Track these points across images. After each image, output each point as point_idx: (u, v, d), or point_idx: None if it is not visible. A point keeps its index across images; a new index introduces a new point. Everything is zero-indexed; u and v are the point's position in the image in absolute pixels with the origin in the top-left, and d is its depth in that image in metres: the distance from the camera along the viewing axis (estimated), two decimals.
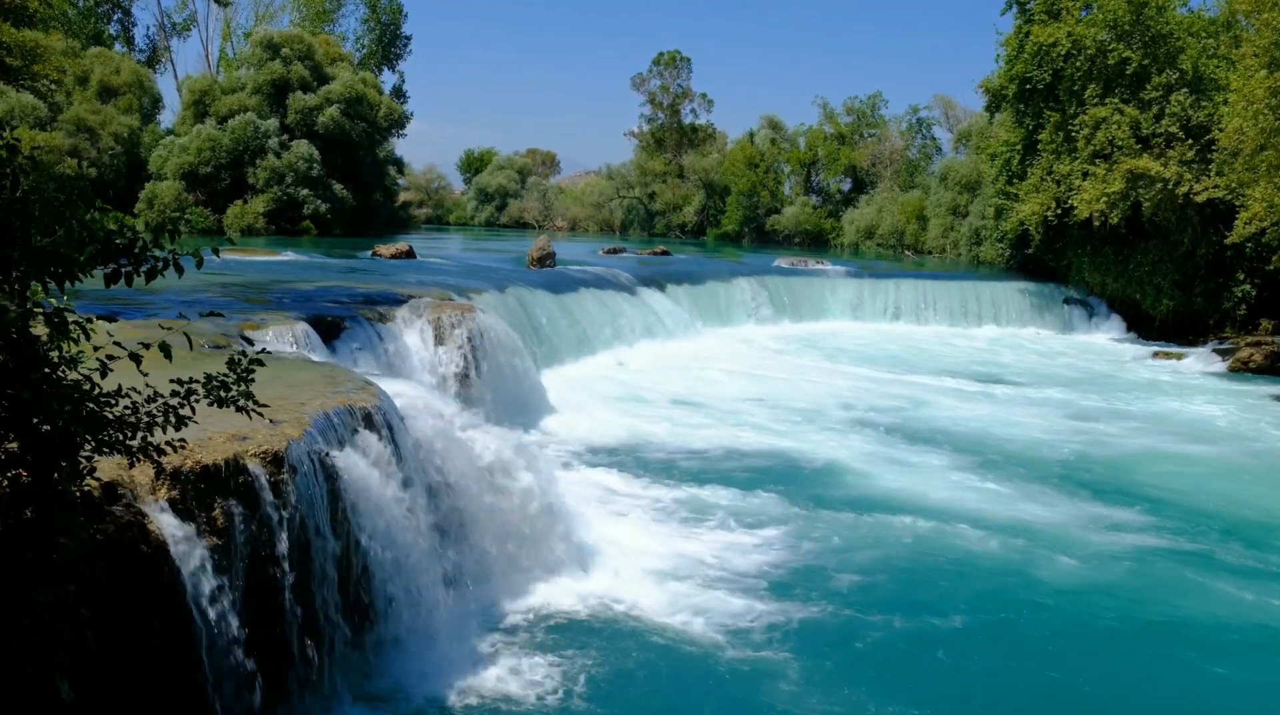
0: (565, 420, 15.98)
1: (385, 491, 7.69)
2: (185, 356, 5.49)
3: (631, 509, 11.85)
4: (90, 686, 4.89)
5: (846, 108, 65.95)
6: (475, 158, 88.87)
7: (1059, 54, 30.40)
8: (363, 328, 13.96)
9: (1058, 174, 31.33)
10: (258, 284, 17.82)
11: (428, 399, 9.97)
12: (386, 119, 50.71)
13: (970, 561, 10.63)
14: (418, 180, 79.95)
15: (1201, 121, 28.78)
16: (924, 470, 14.26)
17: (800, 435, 16.04)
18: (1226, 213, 26.92)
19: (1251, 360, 25.90)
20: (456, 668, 7.67)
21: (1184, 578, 10.45)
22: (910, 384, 21.36)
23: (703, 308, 28.22)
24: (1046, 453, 15.61)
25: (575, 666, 7.90)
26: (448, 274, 23.67)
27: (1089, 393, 21.28)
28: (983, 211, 41.70)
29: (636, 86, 72.59)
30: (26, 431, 4.17)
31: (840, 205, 63.98)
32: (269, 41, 47.70)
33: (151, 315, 12.38)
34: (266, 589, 6.48)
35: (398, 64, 65.34)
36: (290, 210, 44.03)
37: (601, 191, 74.95)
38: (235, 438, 6.57)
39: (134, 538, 5.54)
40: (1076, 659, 8.54)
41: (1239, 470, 15.25)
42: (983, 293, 33.26)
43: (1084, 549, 11.07)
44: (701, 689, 7.78)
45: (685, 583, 9.64)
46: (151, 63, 58.75)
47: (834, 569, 10.22)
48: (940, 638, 8.84)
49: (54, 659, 4.04)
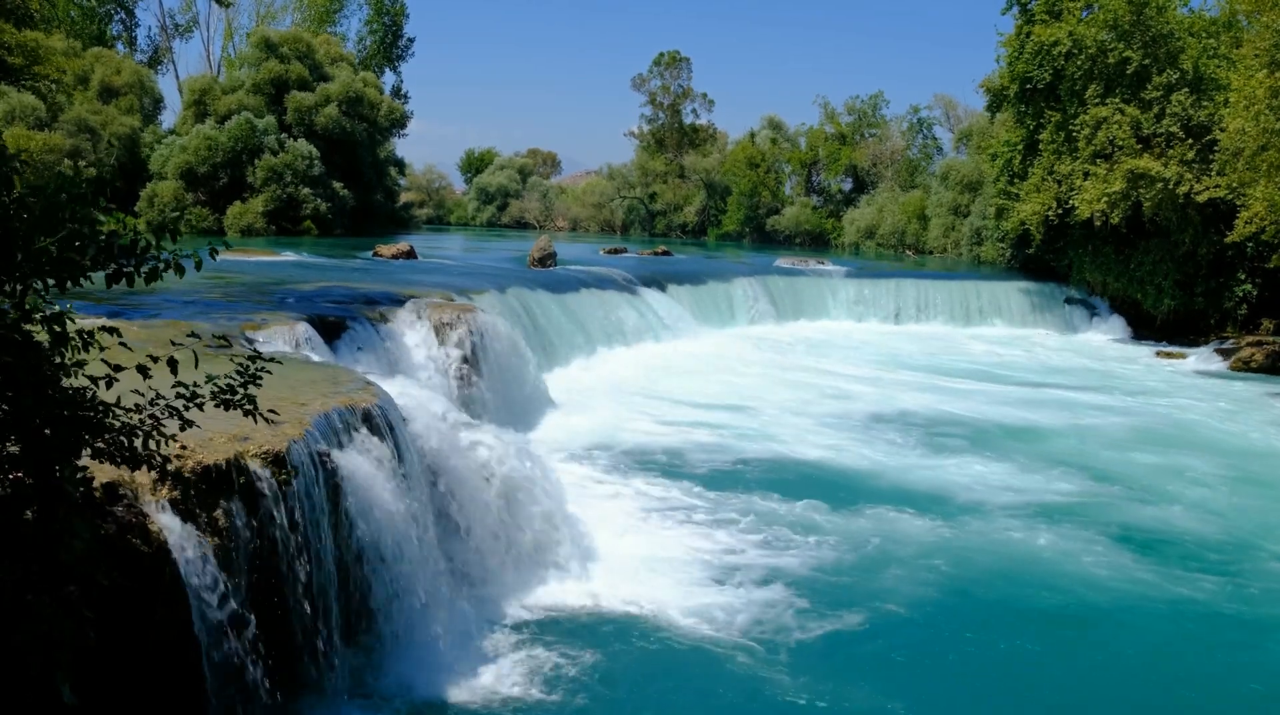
0: (566, 420, 15.99)
1: (386, 491, 7.69)
2: (187, 358, 5.50)
3: (632, 509, 11.85)
4: (92, 687, 4.90)
5: (847, 107, 66.03)
6: (476, 158, 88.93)
7: (1060, 53, 30.39)
8: (364, 328, 13.96)
9: (1059, 174, 31.32)
10: (258, 284, 17.83)
11: (429, 399, 9.98)
12: (387, 119, 50.70)
13: (972, 561, 10.64)
14: (418, 180, 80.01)
15: (1202, 121, 28.77)
16: (922, 470, 14.27)
17: (801, 435, 16.04)
18: (1227, 212, 26.90)
19: (1253, 360, 25.89)
20: (457, 667, 7.67)
21: (1182, 578, 10.45)
22: (911, 384, 21.36)
23: (704, 308, 28.22)
24: (1048, 452, 15.60)
25: (576, 666, 7.90)
26: (449, 274, 23.69)
27: (1090, 393, 21.28)
28: (984, 211, 41.71)
29: (637, 86, 72.67)
30: (28, 434, 4.18)
31: (841, 205, 64.01)
32: (268, 41, 47.72)
33: (153, 315, 12.40)
34: (267, 589, 6.49)
35: (399, 64, 65.44)
36: (291, 210, 44.01)
37: (602, 191, 74.98)
38: (236, 438, 6.57)
39: (135, 538, 5.55)
40: (1076, 643, 8.56)
41: (1240, 470, 15.23)
42: (984, 292, 33.26)
43: (1079, 545, 11.08)
44: (703, 688, 7.79)
45: (687, 582, 9.64)
46: (153, 63, 58.77)
47: (838, 568, 10.21)
48: (944, 636, 8.86)
49: (56, 660, 4.04)
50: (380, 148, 51.48)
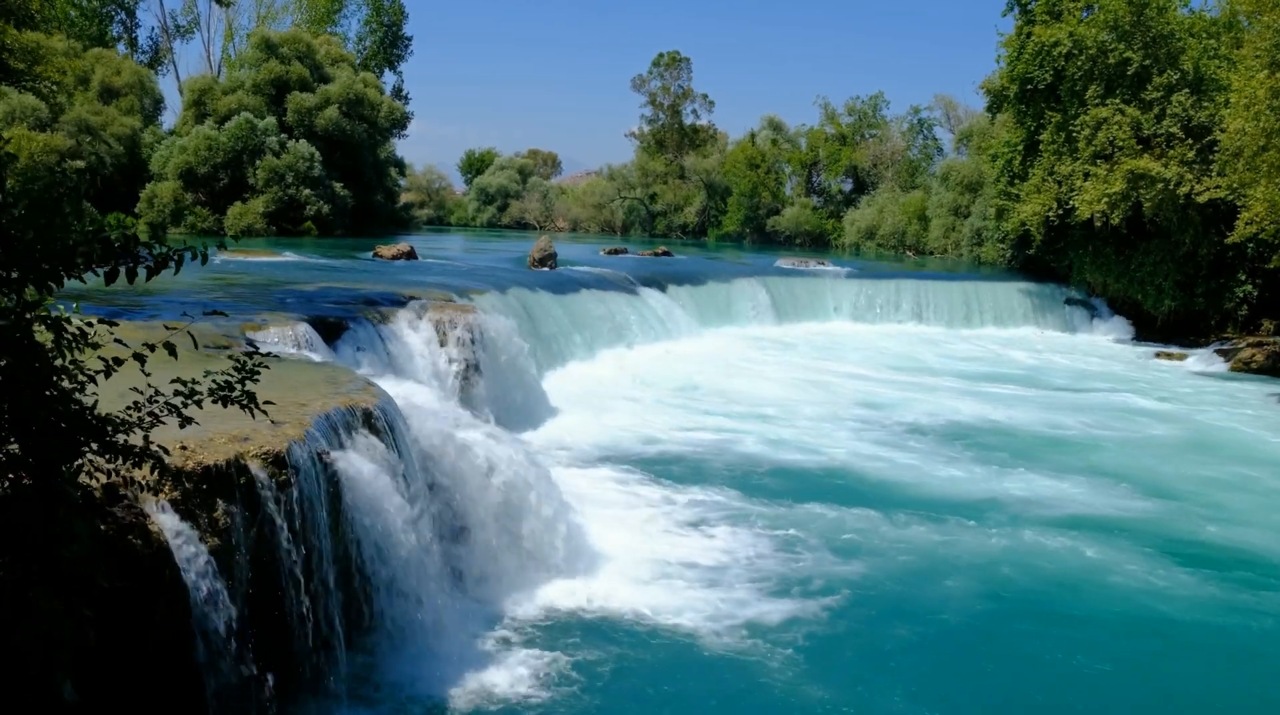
0: (566, 420, 15.99)
1: (386, 492, 7.68)
2: (188, 357, 5.51)
3: (632, 509, 11.84)
4: (92, 686, 4.90)
5: (848, 108, 66.06)
6: (476, 158, 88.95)
7: (1060, 54, 30.40)
8: (364, 328, 13.96)
9: (1059, 174, 31.32)
10: (259, 284, 17.83)
11: (429, 399, 9.98)
12: (387, 119, 50.71)
13: (973, 561, 10.63)
14: (419, 181, 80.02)
15: (1202, 122, 28.78)
16: (926, 469, 14.27)
17: (802, 436, 16.03)
18: (1228, 213, 26.90)
19: (1253, 360, 25.89)
20: (457, 668, 7.67)
21: (1180, 578, 10.44)
22: (910, 384, 21.35)
23: (704, 308, 28.22)
24: (1048, 452, 15.60)
25: (576, 667, 7.89)
26: (449, 274, 23.68)
27: (1091, 393, 21.27)
28: (984, 212, 41.73)
29: (637, 87, 72.72)
30: (28, 434, 4.18)
31: (841, 206, 64.02)
32: (268, 41, 47.73)
33: (153, 316, 12.39)
34: (267, 589, 6.49)
35: (399, 65, 65.48)
36: (291, 210, 44.01)
37: (603, 192, 75.00)
38: (237, 438, 6.57)
39: (136, 538, 5.55)
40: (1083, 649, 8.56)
41: (1241, 470, 15.23)
42: (984, 293, 33.26)
43: (1076, 542, 11.08)
44: (703, 689, 7.78)
45: (687, 583, 9.64)
46: (154, 64, 58.78)
47: (838, 568, 10.20)
48: (944, 636, 8.85)
49: (56, 659, 4.04)
50: (381, 148, 51.49)
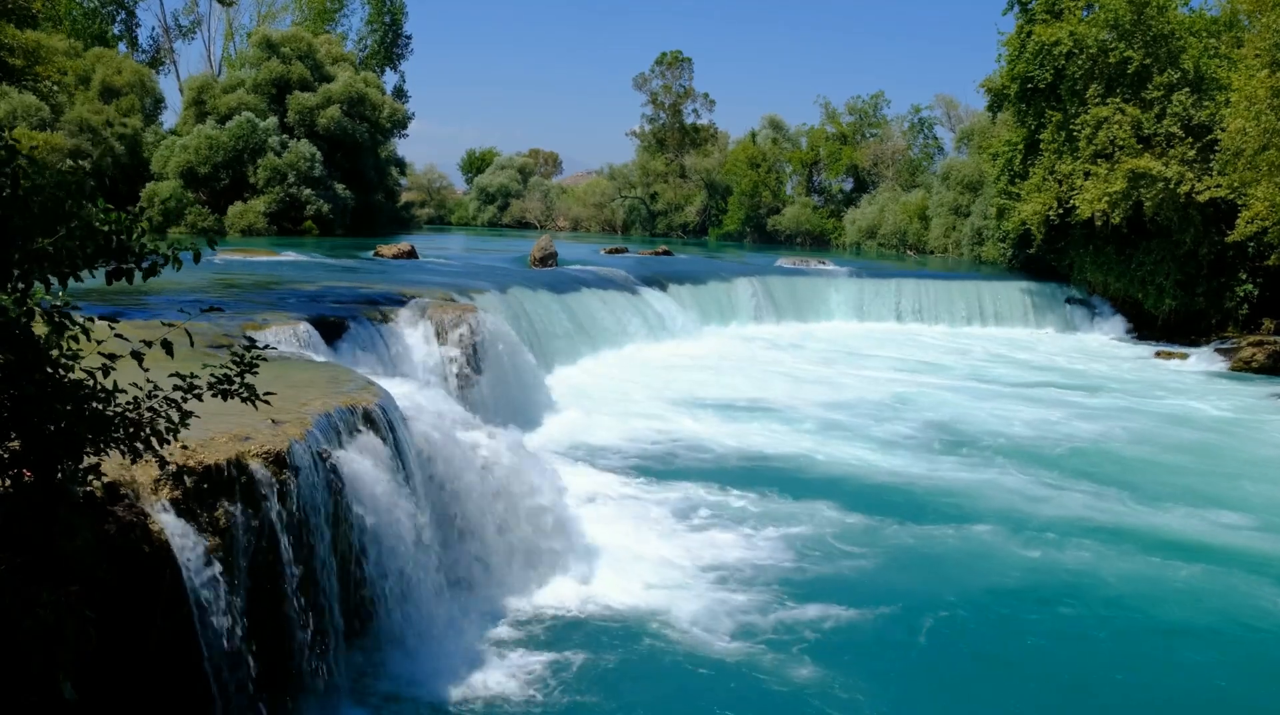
0: (566, 420, 15.99)
1: (387, 491, 7.69)
2: (187, 356, 5.51)
3: (632, 509, 11.84)
4: (93, 685, 4.91)
5: (848, 107, 66.04)
6: (477, 157, 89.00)
7: (1061, 53, 30.39)
8: (365, 328, 13.97)
9: (1059, 173, 31.31)
10: (259, 284, 17.84)
11: (430, 399, 9.99)
12: (388, 119, 50.69)
13: (974, 559, 10.64)
14: (420, 180, 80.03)
15: (1203, 121, 28.76)
16: (928, 468, 14.28)
17: (804, 434, 16.04)
18: (1228, 212, 26.89)
19: (1254, 360, 25.87)
20: (456, 667, 7.67)
21: (1178, 579, 10.45)
22: (912, 383, 21.35)
23: (705, 308, 28.22)
24: (1048, 451, 15.60)
25: (575, 667, 7.90)
26: (450, 274, 23.69)
27: (1091, 392, 21.26)
28: (985, 211, 41.71)
29: (638, 86, 72.74)
30: (29, 430, 4.18)
31: (842, 205, 64.03)
32: (269, 41, 47.73)
33: (154, 315, 12.39)
34: (268, 588, 6.50)
35: (399, 64, 65.44)
36: (292, 210, 44.02)
37: (603, 191, 75.03)
38: (237, 438, 6.58)
39: (136, 537, 5.56)
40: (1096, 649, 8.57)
41: (1242, 470, 15.23)
42: (985, 292, 33.26)
43: (1076, 542, 11.08)
44: (703, 689, 7.78)
45: (686, 583, 9.64)
46: (154, 64, 58.75)
47: (837, 568, 10.22)
48: (946, 634, 8.85)
49: (57, 657, 4.05)
50: (381, 148, 51.48)
